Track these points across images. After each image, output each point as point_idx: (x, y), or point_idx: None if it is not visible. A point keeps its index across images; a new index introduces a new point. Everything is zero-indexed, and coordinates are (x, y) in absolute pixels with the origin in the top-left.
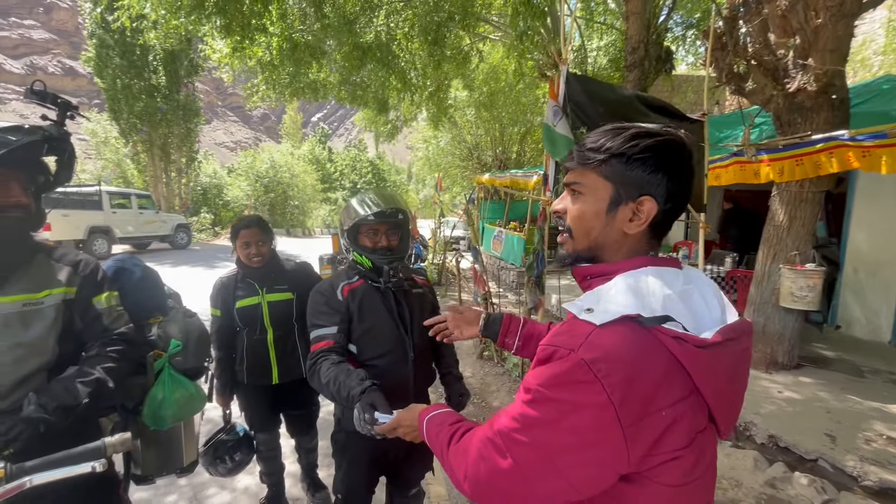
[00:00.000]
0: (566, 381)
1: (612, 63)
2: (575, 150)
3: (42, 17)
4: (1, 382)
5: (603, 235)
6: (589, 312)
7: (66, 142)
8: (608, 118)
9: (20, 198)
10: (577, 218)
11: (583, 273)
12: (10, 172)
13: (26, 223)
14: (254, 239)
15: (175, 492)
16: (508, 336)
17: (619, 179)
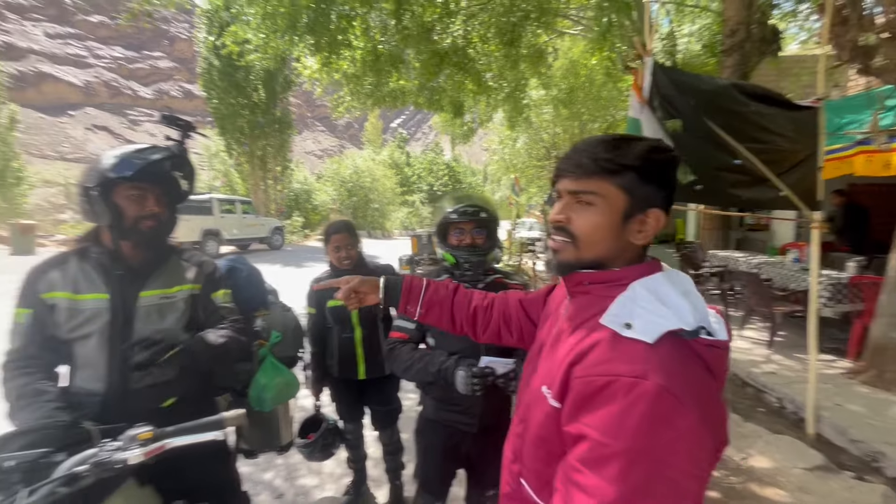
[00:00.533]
0: (659, 416)
1: (707, 49)
2: (585, 159)
3: (167, 49)
4: (143, 358)
5: (613, 246)
6: (629, 328)
7: (186, 158)
8: (702, 110)
9: (153, 208)
10: (588, 227)
11: (581, 279)
12: (145, 186)
13: (160, 230)
14: (343, 243)
15: (272, 470)
16: (410, 303)
17: (634, 191)
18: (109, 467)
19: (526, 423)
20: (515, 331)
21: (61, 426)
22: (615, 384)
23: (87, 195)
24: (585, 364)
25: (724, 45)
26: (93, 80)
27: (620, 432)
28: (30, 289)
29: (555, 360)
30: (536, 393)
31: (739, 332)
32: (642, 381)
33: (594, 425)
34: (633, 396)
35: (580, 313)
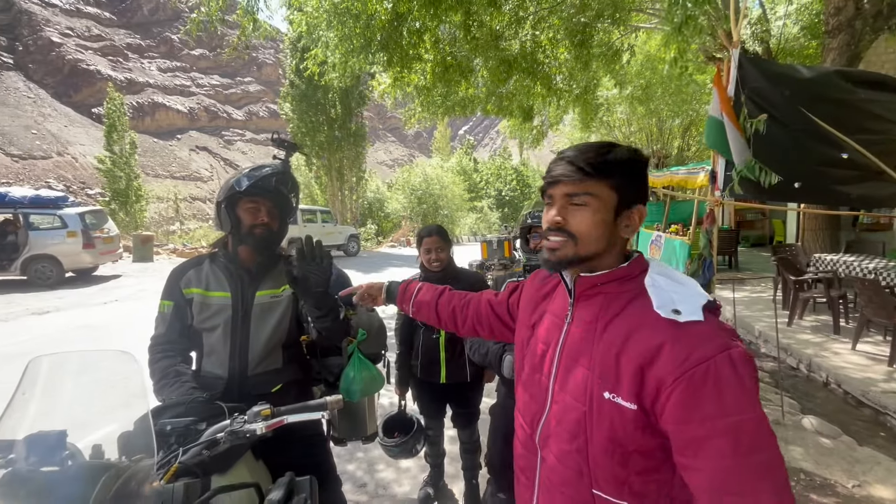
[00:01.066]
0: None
1: (807, 31)
2: (579, 164)
3: (255, 74)
4: (259, 351)
5: (607, 240)
6: (679, 314)
7: (289, 175)
8: (799, 101)
9: (264, 219)
10: (586, 224)
11: (592, 282)
12: (258, 199)
13: (270, 238)
14: (434, 246)
15: (353, 462)
16: (405, 302)
17: (623, 190)
18: (241, 436)
19: (587, 436)
20: (486, 327)
21: (201, 401)
22: (713, 367)
23: (219, 208)
24: (669, 363)
25: (827, 24)
26: (195, 106)
27: (750, 399)
28: (173, 284)
29: (597, 364)
30: (595, 402)
31: (853, 345)
32: (730, 350)
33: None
34: (736, 367)
35: (603, 314)
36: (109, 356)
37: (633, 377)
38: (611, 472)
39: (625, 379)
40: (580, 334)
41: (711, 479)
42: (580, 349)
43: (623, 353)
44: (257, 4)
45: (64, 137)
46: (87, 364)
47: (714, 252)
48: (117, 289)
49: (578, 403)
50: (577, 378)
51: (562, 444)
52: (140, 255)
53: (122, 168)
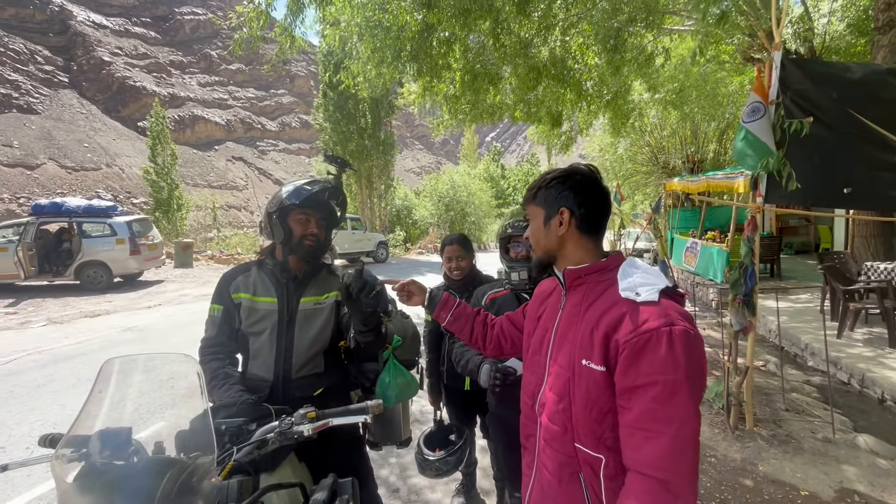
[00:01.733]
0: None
1: (853, 28)
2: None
3: (288, 86)
4: (302, 356)
5: (547, 242)
6: (639, 296)
7: (340, 190)
8: (847, 103)
9: (314, 230)
10: (531, 234)
11: (576, 273)
12: (309, 211)
13: (318, 248)
14: (454, 254)
15: (386, 467)
16: (444, 311)
17: (545, 204)
18: (289, 437)
19: (570, 397)
20: (509, 341)
21: (251, 403)
22: (654, 336)
23: (270, 219)
24: (624, 331)
25: (877, 20)
26: (232, 118)
27: (677, 366)
28: (223, 289)
29: (578, 338)
30: (576, 368)
31: None
32: (672, 327)
33: (654, 371)
34: (672, 340)
35: (585, 299)
36: (172, 359)
37: (601, 344)
38: (589, 428)
39: (596, 347)
40: (568, 317)
41: (631, 419)
42: (568, 328)
43: (596, 328)
44: (295, 22)
45: (112, 150)
46: (152, 366)
47: (756, 260)
48: (160, 293)
49: (565, 371)
50: (564, 352)
51: (552, 406)
52: (181, 261)
53: (164, 178)
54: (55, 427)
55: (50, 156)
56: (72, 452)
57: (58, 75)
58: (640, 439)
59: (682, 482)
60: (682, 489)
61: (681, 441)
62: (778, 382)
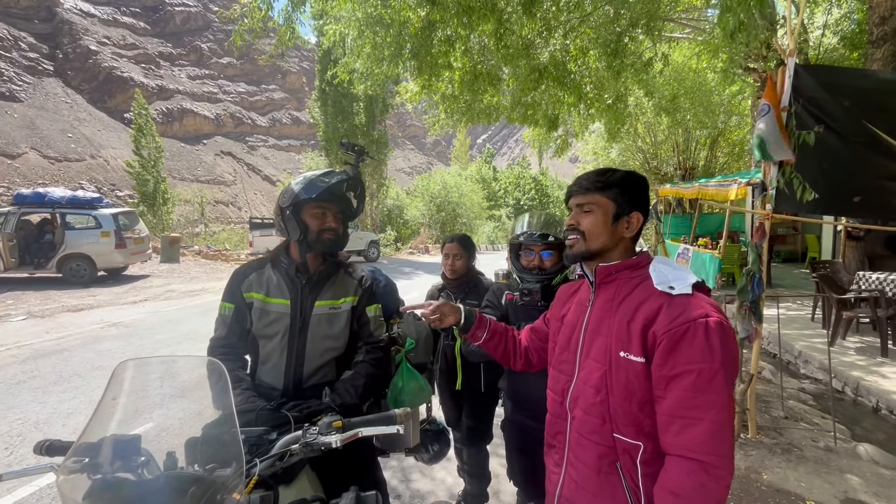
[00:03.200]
0: (728, 338)
1: (847, 41)
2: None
3: (279, 82)
4: (314, 363)
5: (608, 238)
6: (673, 289)
7: (359, 181)
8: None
9: (332, 223)
10: (591, 225)
11: (608, 270)
12: (326, 205)
13: (336, 243)
14: (452, 252)
15: (387, 470)
16: (480, 329)
17: (618, 201)
18: (315, 448)
19: (608, 389)
20: (536, 354)
21: (269, 410)
22: (692, 327)
23: (283, 214)
24: (662, 322)
25: (871, 34)
26: (222, 112)
27: (713, 355)
28: (234, 287)
29: (614, 331)
30: (613, 360)
31: None
32: (708, 318)
33: (692, 360)
34: (709, 330)
35: (617, 294)
36: (194, 362)
37: (639, 336)
38: (629, 418)
39: (634, 339)
40: (600, 312)
41: (670, 406)
42: (600, 323)
43: (633, 320)
44: (296, 14)
45: (97, 141)
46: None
47: (763, 267)
48: (146, 288)
49: (600, 364)
50: (598, 346)
51: (588, 399)
52: (167, 255)
53: (149, 171)
54: (36, 427)
55: (32, 145)
56: (73, 462)
57: (42, 63)
58: (679, 425)
59: (721, 463)
60: (722, 470)
61: (719, 425)
62: (774, 390)
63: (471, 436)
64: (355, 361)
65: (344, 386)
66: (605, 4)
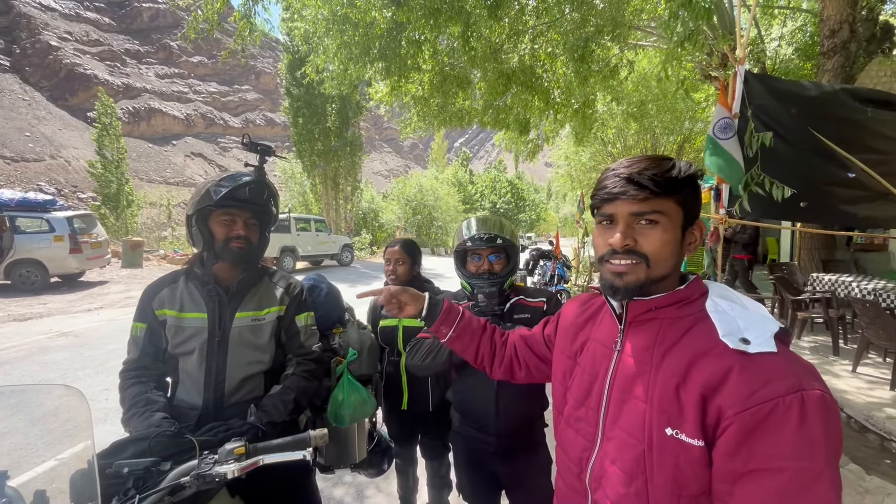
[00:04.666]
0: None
1: (801, 52)
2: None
3: (253, 82)
4: (236, 379)
5: (677, 260)
6: (748, 344)
7: (264, 183)
8: (806, 120)
9: (240, 231)
10: (659, 245)
11: (648, 306)
12: (234, 211)
13: (250, 251)
14: (394, 257)
15: (342, 486)
16: (444, 325)
17: (687, 206)
18: (210, 480)
19: (646, 476)
20: (524, 367)
21: (168, 436)
22: (780, 406)
23: (189, 222)
24: (733, 395)
25: (822, 46)
26: (192, 112)
27: (815, 449)
28: (145, 305)
29: (656, 398)
30: (655, 439)
31: (854, 368)
32: (805, 392)
33: (781, 455)
34: (806, 411)
35: (660, 342)
36: (54, 391)
37: (696, 409)
38: None
39: (688, 412)
40: (634, 364)
41: None
42: (635, 380)
43: (684, 385)
44: (254, 8)
45: (58, 140)
46: (24, 399)
47: (718, 271)
48: (103, 295)
49: (635, 441)
50: (632, 412)
51: (618, 488)
52: (129, 260)
53: (112, 172)
54: None
55: None
56: None
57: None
58: None
59: None
60: None
61: None
62: None
63: (431, 453)
64: (285, 375)
65: (271, 402)
66: (571, 11)
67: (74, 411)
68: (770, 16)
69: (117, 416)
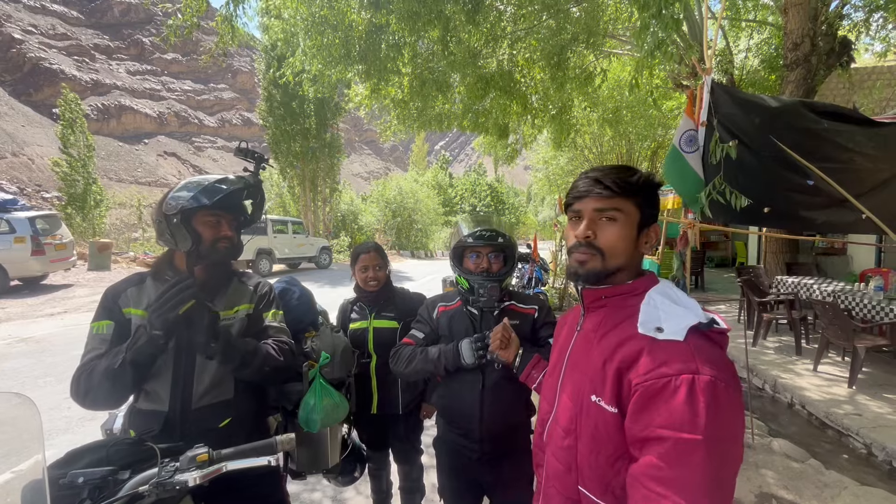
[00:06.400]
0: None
1: (766, 64)
2: (608, 182)
3: (230, 81)
4: (205, 381)
5: (630, 255)
6: (661, 332)
7: (259, 189)
8: (768, 129)
9: (227, 232)
10: (614, 239)
11: (597, 294)
12: (221, 213)
13: (231, 253)
14: (371, 263)
15: (319, 490)
16: (535, 370)
17: (644, 209)
18: (170, 488)
19: (576, 434)
20: None
21: (128, 443)
22: (672, 383)
23: (168, 222)
24: (638, 371)
25: (786, 59)
26: (165, 111)
27: (695, 425)
28: (110, 303)
29: (590, 370)
30: (584, 403)
31: (815, 367)
32: (697, 375)
33: (666, 425)
34: (694, 390)
35: (603, 324)
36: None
37: (613, 381)
38: (596, 472)
39: (608, 383)
40: (583, 342)
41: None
42: (580, 355)
43: (610, 361)
44: (236, 12)
45: (20, 137)
46: None
47: (687, 273)
48: (67, 299)
49: (572, 404)
50: (574, 381)
51: (557, 441)
52: (96, 263)
53: (79, 171)
54: None
55: None
56: None
57: None
58: (640, 497)
59: None
60: None
61: None
62: None
63: (403, 457)
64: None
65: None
66: (548, 18)
67: (26, 420)
68: (738, 28)
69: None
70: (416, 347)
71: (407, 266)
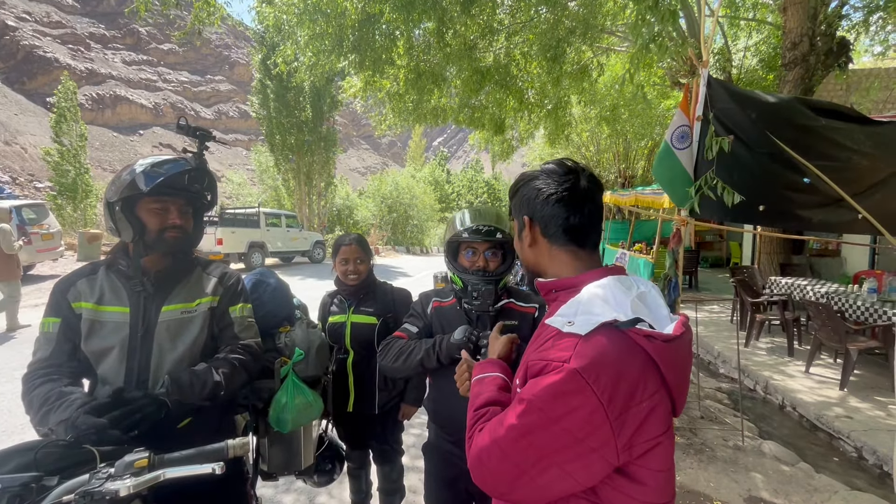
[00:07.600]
0: (561, 391)
1: (764, 63)
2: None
3: (227, 73)
4: (160, 378)
5: (524, 257)
6: (570, 325)
7: (204, 170)
8: (765, 125)
9: (176, 220)
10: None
11: (548, 287)
12: (167, 199)
13: (185, 241)
14: (352, 256)
15: (293, 492)
16: None
17: (515, 213)
18: (99, 498)
19: None
20: None
21: (61, 446)
22: (548, 366)
23: (111, 211)
24: (535, 352)
25: (784, 58)
26: (161, 102)
27: (532, 389)
28: (59, 298)
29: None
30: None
31: (807, 368)
32: (565, 364)
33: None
34: (553, 374)
35: (546, 316)
36: None
37: (524, 366)
38: None
39: (521, 368)
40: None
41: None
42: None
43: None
44: None
45: (13, 126)
46: None
47: (680, 272)
48: None
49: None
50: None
51: None
52: (85, 253)
53: (70, 161)
54: None
55: None
56: None
57: None
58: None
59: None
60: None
61: (487, 454)
62: (693, 390)
63: (382, 458)
64: (211, 360)
65: (188, 376)
66: (545, 11)
67: None
68: (736, 27)
69: None
70: (408, 341)
71: (402, 262)
